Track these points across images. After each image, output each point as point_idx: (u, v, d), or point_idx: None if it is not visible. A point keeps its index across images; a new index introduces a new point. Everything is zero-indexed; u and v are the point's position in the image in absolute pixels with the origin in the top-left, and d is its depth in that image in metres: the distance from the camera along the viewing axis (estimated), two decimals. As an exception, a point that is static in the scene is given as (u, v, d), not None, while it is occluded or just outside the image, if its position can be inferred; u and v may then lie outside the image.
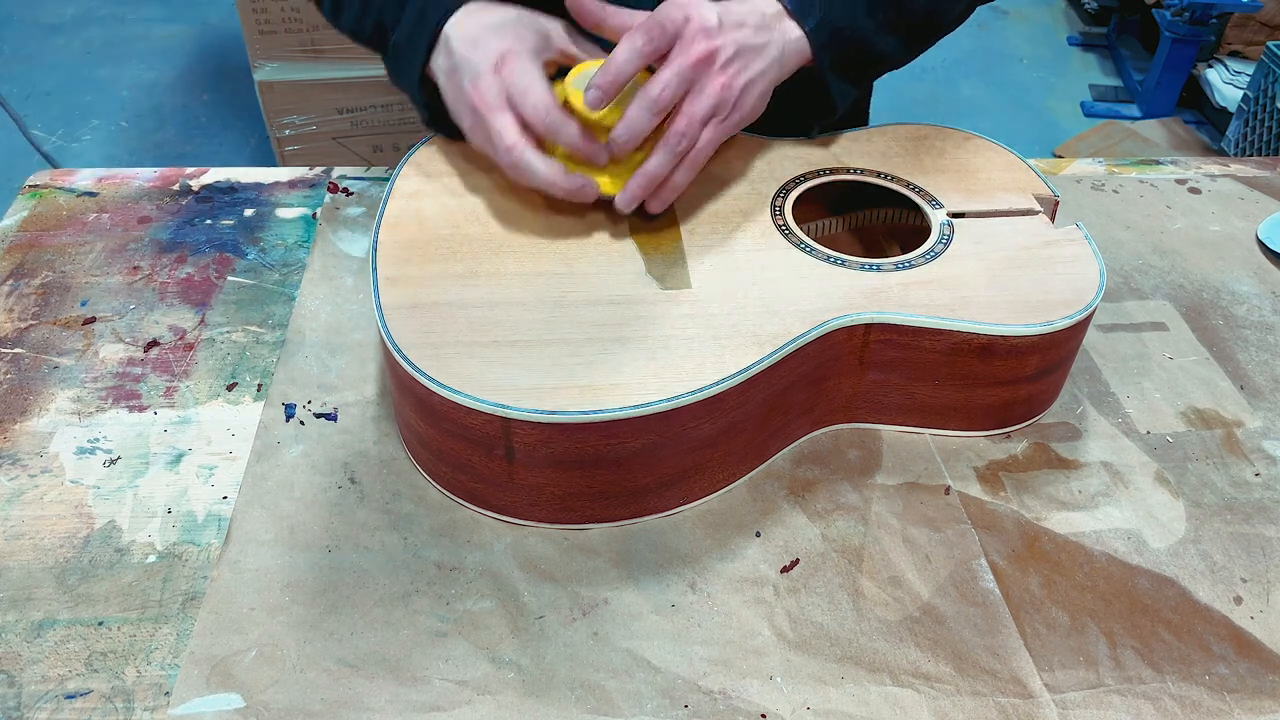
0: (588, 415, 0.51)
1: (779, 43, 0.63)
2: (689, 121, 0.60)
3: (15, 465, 0.60)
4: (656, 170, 0.61)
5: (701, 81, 0.60)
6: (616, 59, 0.59)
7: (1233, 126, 2.18)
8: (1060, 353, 0.62)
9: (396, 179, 0.67)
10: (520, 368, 0.54)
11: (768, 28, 0.63)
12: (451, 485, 0.58)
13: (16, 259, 0.76)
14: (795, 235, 0.64)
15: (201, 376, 0.66)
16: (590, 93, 0.59)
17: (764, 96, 0.63)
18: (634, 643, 0.52)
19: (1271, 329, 0.73)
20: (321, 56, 1.83)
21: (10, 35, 2.77)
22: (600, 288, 0.59)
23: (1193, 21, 2.39)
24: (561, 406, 0.51)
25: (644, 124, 0.59)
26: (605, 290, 0.59)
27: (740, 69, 0.61)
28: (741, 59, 0.61)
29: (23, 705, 0.49)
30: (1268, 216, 0.84)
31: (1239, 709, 0.50)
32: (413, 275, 0.59)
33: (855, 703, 0.50)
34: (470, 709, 0.49)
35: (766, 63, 0.62)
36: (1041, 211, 0.67)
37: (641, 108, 0.59)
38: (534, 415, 0.51)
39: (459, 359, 0.54)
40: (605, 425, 0.52)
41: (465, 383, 0.52)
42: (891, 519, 0.59)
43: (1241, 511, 0.60)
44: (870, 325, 0.58)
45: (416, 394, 0.54)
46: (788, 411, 0.60)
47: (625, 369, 0.54)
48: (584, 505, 0.57)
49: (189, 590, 0.54)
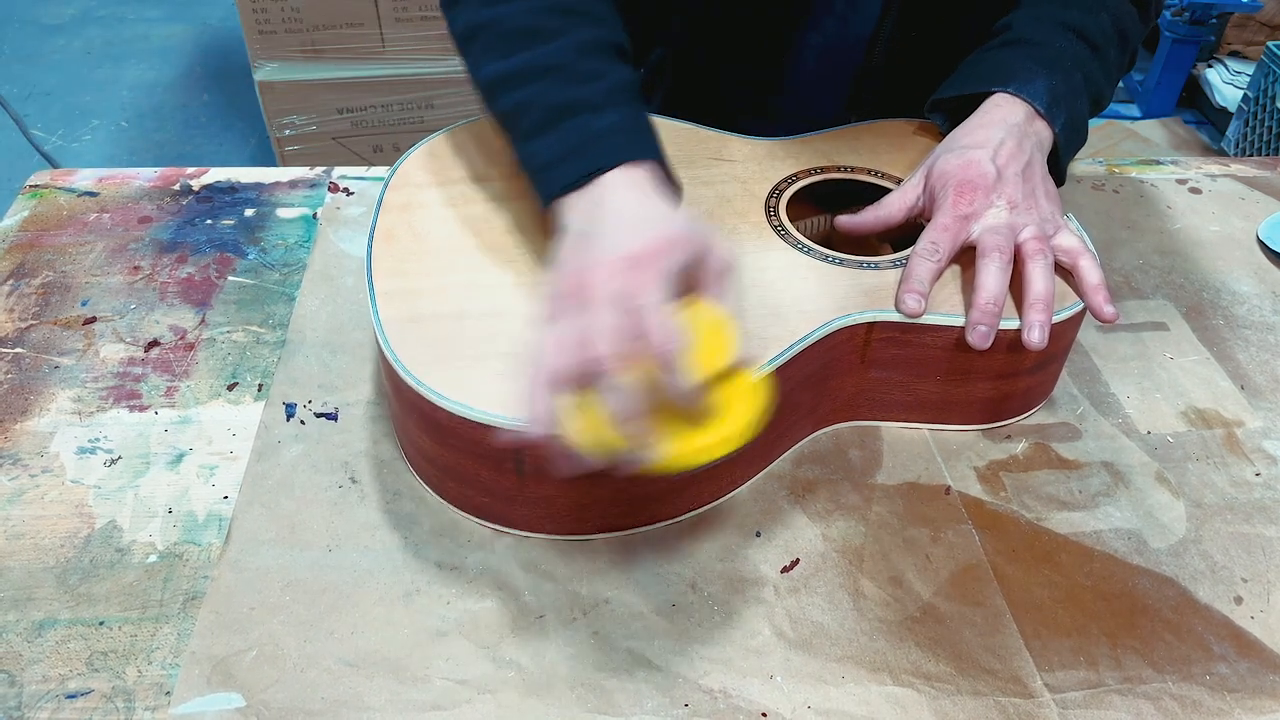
0: None
1: (1033, 146, 0.64)
2: (998, 234, 0.60)
3: (16, 465, 0.60)
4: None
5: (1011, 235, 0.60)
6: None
7: (1233, 126, 2.18)
8: (1058, 345, 0.62)
9: (385, 192, 0.66)
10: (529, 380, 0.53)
11: (1025, 137, 0.64)
12: (459, 501, 0.58)
13: (17, 259, 0.76)
14: (791, 235, 0.64)
15: (202, 376, 0.66)
16: (912, 301, 0.58)
17: (1049, 187, 0.64)
18: (634, 642, 0.52)
19: (1271, 329, 0.73)
20: (321, 56, 1.83)
21: (10, 35, 2.77)
22: None
23: (1193, 21, 2.39)
24: None
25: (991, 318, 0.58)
26: None
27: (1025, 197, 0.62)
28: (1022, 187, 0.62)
29: (23, 705, 0.49)
30: (1268, 216, 0.84)
31: (1239, 709, 0.50)
32: (411, 289, 0.58)
33: (855, 702, 0.50)
34: (470, 708, 0.49)
35: (1033, 171, 0.63)
36: None
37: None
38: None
39: (465, 373, 0.53)
40: None
41: (473, 397, 0.52)
42: (891, 519, 0.59)
43: (1242, 511, 0.60)
44: (872, 324, 0.58)
45: (422, 410, 0.53)
46: (792, 412, 0.60)
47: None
48: (594, 516, 0.56)
49: (189, 590, 0.54)
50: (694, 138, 0.72)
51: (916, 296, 0.58)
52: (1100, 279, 0.60)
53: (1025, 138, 0.64)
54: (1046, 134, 0.65)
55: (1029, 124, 0.64)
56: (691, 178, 0.68)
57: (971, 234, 0.61)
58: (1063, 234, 0.62)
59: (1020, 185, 0.62)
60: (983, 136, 0.64)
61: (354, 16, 1.79)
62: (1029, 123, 0.64)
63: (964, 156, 0.63)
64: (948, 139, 0.66)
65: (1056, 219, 0.62)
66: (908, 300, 0.58)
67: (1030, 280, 0.58)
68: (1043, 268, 0.59)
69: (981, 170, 0.61)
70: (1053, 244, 0.61)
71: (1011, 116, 0.64)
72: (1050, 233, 0.61)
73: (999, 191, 0.61)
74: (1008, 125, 0.64)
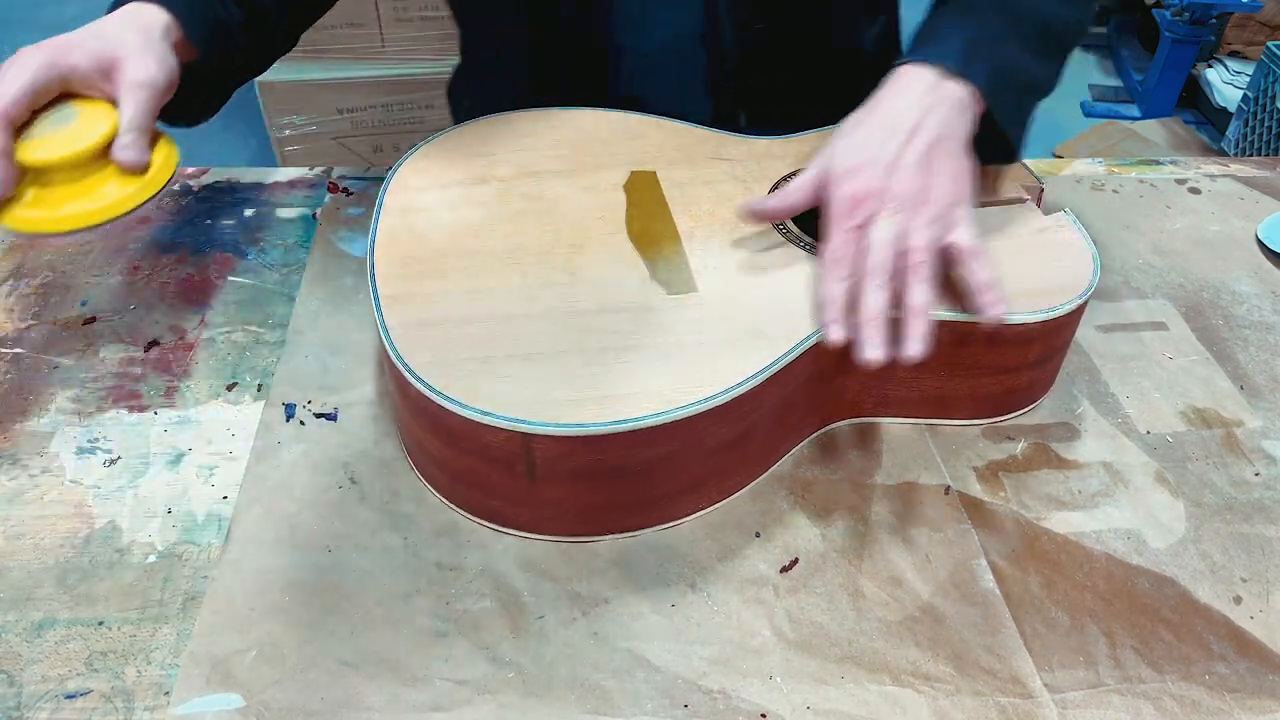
0: (611, 426, 0.51)
1: (939, 120, 0.58)
2: (880, 250, 0.55)
3: (15, 465, 0.60)
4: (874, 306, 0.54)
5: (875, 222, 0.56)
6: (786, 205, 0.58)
7: (1233, 126, 2.18)
8: (1060, 338, 0.63)
9: (385, 196, 0.66)
10: (536, 381, 0.53)
11: (928, 111, 0.58)
12: (468, 504, 0.58)
13: (16, 259, 0.76)
14: (793, 233, 0.64)
15: (201, 376, 0.66)
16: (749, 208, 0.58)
17: (953, 168, 0.58)
18: (634, 643, 0.52)
19: (1271, 329, 0.73)
20: (321, 56, 1.83)
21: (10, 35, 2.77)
22: (607, 296, 0.59)
23: (1193, 21, 2.39)
24: (582, 419, 0.51)
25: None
26: (612, 298, 0.59)
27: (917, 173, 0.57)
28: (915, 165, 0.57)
29: (23, 705, 0.49)
30: (1268, 216, 0.84)
31: (1239, 709, 0.50)
32: (415, 293, 0.58)
33: (855, 703, 0.50)
34: (470, 709, 0.49)
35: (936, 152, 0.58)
36: (1029, 199, 0.68)
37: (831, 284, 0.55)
38: (556, 429, 0.51)
39: (474, 377, 0.53)
40: (627, 435, 0.51)
41: (483, 401, 0.52)
42: (891, 519, 0.59)
43: (1241, 511, 0.60)
44: None
45: (431, 415, 0.53)
46: (798, 411, 0.60)
47: (642, 377, 0.53)
48: (603, 517, 0.56)
49: (189, 590, 0.54)
50: (693, 137, 0.72)
51: (835, 327, 0.54)
52: (989, 278, 0.55)
53: (929, 111, 0.58)
54: (961, 93, 0.59)
55: (935, 92, 0.59)
56: (692, 177, 0.68)
57: (864, 248, 0.56)
58: (957, 230, 0.56)
59: (914, 178, 0.56)
60: (875, 125, 0.59)
61: (354, 16, 1.79)
62: (935, 90, 0.59)
63: (852, 159, 0.58)
64: (846, 122, 0.61)
65: (953, 213, 0.57)
66: (831, 331, 0.54)
67: (907, 293, 0.54)
68: (920, 279, 0.54)
69: (865, 180, 0.57)
70: (945, 243, 0.56)
71: (912, 90, 0.59)
72: (941, 234, 0.56)
73: (888, 196, 0.56)
74: (906, 103, 0.58)
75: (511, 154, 0.69)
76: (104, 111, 0.58)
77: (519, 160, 0.69)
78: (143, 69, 0.58)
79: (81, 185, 0.58)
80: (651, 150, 0.70)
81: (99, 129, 0.57)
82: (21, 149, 0.56)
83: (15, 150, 0.56)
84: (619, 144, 0.71)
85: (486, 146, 0.70)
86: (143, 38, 0.59)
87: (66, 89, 0.59)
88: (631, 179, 0.68)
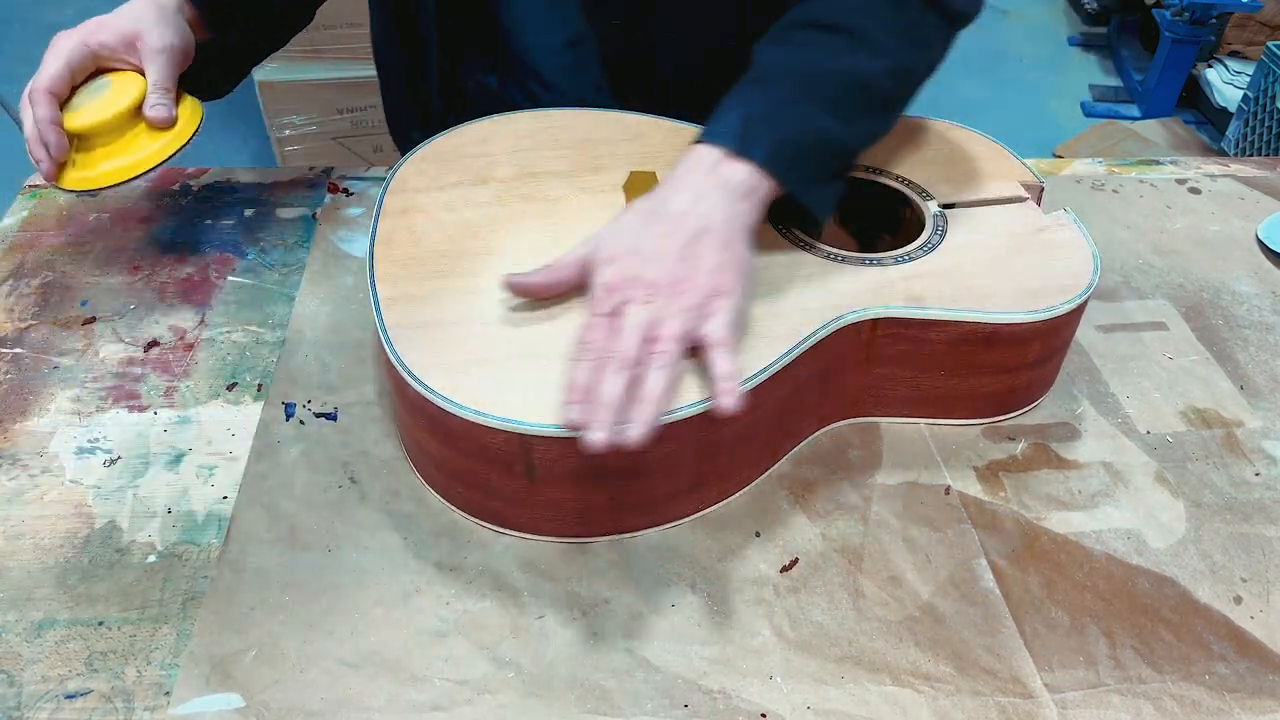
0: None
1: (712, 204, 0.57)
2: (627, 337, 0.53)
3: (15, 465, 0.60)
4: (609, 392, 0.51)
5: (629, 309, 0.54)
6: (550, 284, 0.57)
7: (1233, 126, 2.18)
8: (1061, 337, 0.63)
9: (384, 197, 0.66)
10: (537, 383, 0.53)
11: (700, 197, 0.57)
12: (468, 505, 0.58)
13: (16, 259, 0.76)
14: (792, 233, 0.64)
15: (201, 376, 0.66)
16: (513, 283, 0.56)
17: (715, 260, 0.55)
18: (634, 643, 0.52)
19: (1271, 329, 0.73)
20: (321, 56, 1.83)
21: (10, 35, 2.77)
22: None
23: (1193, 21, 2.39)
24: None
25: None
26: None
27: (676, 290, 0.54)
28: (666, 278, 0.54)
29: (23, 705, 0.49)
30: (1268, 216, 0.84)
31: (1239, 708, 0.50)
32: (414, 294, 0.58)
33: (855, 702, 0.50)
34: (470, 709, 0.49)
35: (701, 242, 0.56)
36: (1029, 198, 0.68)
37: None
38: (556, 430, 0.51)
39: (474, 378, 0.53)
40: None
41: (483, 402, 0.52)
42: (891, 519, 0.59)
43: (1241, 511, 0.60)
44: (877, 320, 0.58)
45: (430, 415, 0.53)
46: (797, 411, 0.60)
47: None
48: (603, 517, 0.56)
49: (189, 590, 0.54)
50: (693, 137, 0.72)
51: (572, 410, 0.51)
52: (728, 370, 0.52)
53: (700, 198, 0.56)
54: (741, 174, 0.57)
55: (712, 176, 0.57)
56: None
57: (614, 333, 0.54)
58: (711, 321, 0.54)
59: (673, 268, 0.54)
60: (644, 213, 0.57)
61: (354, 16, 1.79)
62: (713, 174, 0.57)
63: (614, 246, 0.56)
64: (624, 209, 0.59)
65: (711, 304, 0.54)
66: (565, 414, 0.51)
67: (643, 381, 0.52)
68: (659, 368, 0.52)
69: (622, 269, 0.55)
70: (696, 334, 0.54)
71: (691, 175, 0.58)
72: (693, 325, 0.54)
73: (641, 285, 0.54)
74: (679, 191, 0.57)
75: (511, 155, 0.69)
76: (133, 79, 0.68)
77: (519, 161, 0.69)
78: (160, 38, 0.67)
79: (120, 144, 0.68)
80: (651, 150, 0.70)
81: (130, 93, 0.67)
82: (67, 119, 0.66)
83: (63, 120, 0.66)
84: (619, 144, 0.71)
85: (486, 147, 0.70)
86: (159, 13, 0.68)
87: (99, 64, 0.68)
88: (631, 179, 0.67)
